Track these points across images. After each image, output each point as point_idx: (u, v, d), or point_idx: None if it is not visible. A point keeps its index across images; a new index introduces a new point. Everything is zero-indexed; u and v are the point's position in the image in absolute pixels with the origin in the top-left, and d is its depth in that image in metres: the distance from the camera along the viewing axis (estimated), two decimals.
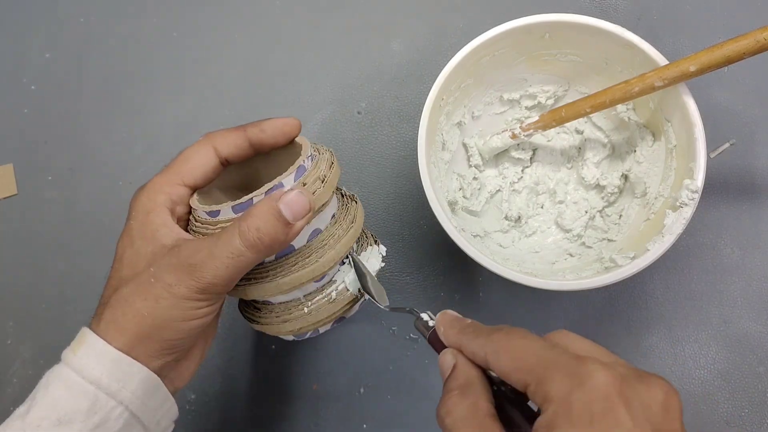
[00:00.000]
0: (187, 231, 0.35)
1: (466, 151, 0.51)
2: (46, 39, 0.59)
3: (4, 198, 0.55)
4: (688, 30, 0.55)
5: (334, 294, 0.36)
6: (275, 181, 0.32)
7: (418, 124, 0.42)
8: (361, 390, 0.50)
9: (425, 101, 0.43)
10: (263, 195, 0.32)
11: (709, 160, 0.50)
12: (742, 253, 0.50)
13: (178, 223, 0.35)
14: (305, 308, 0.36)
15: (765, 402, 0.47)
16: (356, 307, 0.38)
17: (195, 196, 0.35)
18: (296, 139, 0.36)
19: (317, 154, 0.36)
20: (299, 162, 0.33)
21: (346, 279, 0.37)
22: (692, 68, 0.38)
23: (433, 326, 0.33)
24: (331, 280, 0.37)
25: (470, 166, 0.51)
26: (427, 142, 0.42)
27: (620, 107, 0.47)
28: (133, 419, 0.31)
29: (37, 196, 0.55)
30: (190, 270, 0.30)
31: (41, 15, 0.59)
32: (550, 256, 0.48)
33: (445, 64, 0.43)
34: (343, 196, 0.39)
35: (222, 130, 0.36)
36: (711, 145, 0.51)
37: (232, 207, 0.32)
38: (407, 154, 0.54)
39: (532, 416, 0.27)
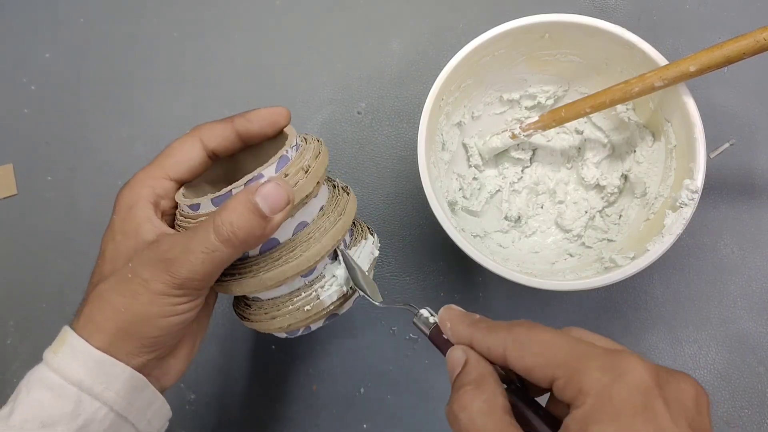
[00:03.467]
0: (173, 227, 0.34)
1: (466, 151, 0.51)
2: (46, 39, 0.59)
3: (4, 198, 0.55)
4: (688, 30, 0.55)
5: (322, 290, 0.35)
6: (255, 172, 0.31)
7: (418, 124, 0.42)
8: (361, 390, 0.50)
9: (425, 101, 0.43)
10: (243, 187, 0.31)
11: (709, 160, 0.50)
12: (742, 253, 0.50)
13: (163, 218, 0.34)
14: (292, 305, 0.34)
15: (765, 402, 0.47)
16: (349, 303, 0.37)
17: (182, 190, 0.34)
18: (285, 129, 0.35)
19: (303, 143, 0.34)
20: (282, 152, 0.32)
21: (336, 274, 0.35)
22: (692, 68, 0.38)
23: (434, 323, 0.32)
24: (320, 276, 0.35)
25: (470, 166, 0.51)
26: (427, 142, 0.42)
27: (620, 107, 0.47)
28: (120, 419, 0.30)
29: (37, 196, 0.55)
30: (165, 265, 0.30)
31: (41, 15, 0.59)
32: (550, 256, 0.48)
33: (445, 64, 0.43)
34: (335, 187, 0.38)
35: (209, 122, 0.35)
36: (711, 145, 0.51)
37: (212, 200, 0.31)
38: (407, 154, 0.54)
39: (545, 416, 0.27)
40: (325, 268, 0.36)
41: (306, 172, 0.32)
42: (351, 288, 0.36)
